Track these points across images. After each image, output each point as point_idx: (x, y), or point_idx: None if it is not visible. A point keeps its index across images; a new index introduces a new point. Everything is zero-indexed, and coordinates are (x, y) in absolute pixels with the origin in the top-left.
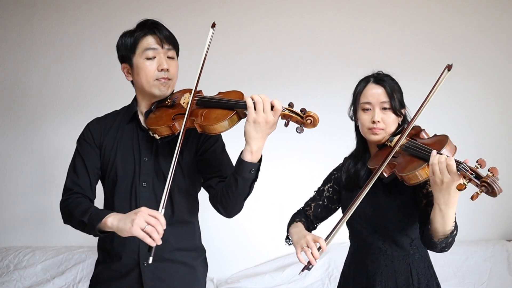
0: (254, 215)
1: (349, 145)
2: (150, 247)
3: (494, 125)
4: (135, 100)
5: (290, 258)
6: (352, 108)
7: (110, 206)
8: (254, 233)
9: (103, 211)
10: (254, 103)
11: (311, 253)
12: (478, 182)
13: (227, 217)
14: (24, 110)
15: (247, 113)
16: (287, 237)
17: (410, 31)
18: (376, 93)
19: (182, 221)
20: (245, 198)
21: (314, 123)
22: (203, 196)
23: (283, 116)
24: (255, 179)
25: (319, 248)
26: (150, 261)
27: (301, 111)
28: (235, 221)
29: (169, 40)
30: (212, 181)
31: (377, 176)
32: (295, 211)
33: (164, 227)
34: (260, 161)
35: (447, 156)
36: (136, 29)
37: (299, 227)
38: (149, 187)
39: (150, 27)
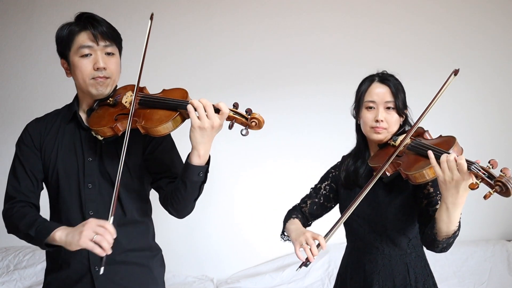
0: (253, 215)
1: (348, 145)
2: (101, 258)
3: (494, 125)
4: (76, 98)
5: (290, 258)
6: (354, 106)
7: (56, 210)
8: (254, 233)
9: (51, 224)
10: (195, 109)
11: (310, 250)
12: (492, 182)
13: (178, 218)
14: (25, 109)
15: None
16: (283, 233)
17: (410, 31)
18: (381, 92)
19: (134, 222)
20: (195, 200)
21: (259, 125)
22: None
23: (228, 117)
24: (204, 181)
25: (318, 245)
26: (102, 271)
27: (246, 112)
28: (235, 221)
29: (107, 36)
30: (162, 181)
31: (379, 176)
32: (291, 207)
33: (114, 236)
34: (208, 163)
35: (457, 156)
36: (72, 22)
37: (296, 224)
38: (95, 188)
39: (84, 21)
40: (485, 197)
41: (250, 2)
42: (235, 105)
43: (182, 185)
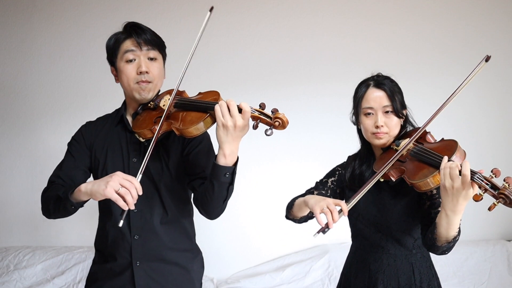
0: (254, 215)
1: (349, 145)
2: (122, 211)
3: (494, 125)
4: (124, 102)
5: (290, 258)
6: (353, 113)
7: (104, 208)
8: (254, 233)
9: (77, 184)
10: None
11: (331, 216)
12: (495, 193)
13: (209, 219)
14: (25, 110)
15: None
16: (287, 215)
17: (409, 31)
18: (377, 97)
19: (176, 221)
20: (224, 201)
21: (283, 124)
22: None
23: (252, 117)
24: (231, 182)
25: (340, 211)
26: (121, 224)
27: (271, 112)
28: (236, 221)
29: (149, 42)
30: (196, 182)
31: (381, 174)
32: (295, 196)
33: (140, 193)
34: (235, 164)
35: (461, 164)
36: (119, 32)
37: (310, 195)
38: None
39: (129, 30)
40: (489, 208)
41: (251, 2)
42: (261, 105)
43: (210, 186)
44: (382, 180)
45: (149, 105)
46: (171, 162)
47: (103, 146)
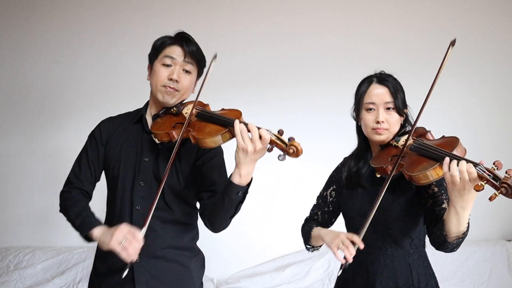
0: (254, 215)
1: (349, 145)
2: (126, 263)
3: (494, 125)
4: (147, 103)
5: (290, 258)
6: (354, 108)
7: (111, 202)
8: (254, 233)
9: (93, 219)
10: (241, 132)
11: (349, 252)
12: (497, 184)
13: (213, 232)
14: (24, 110)
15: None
16: (307, 243)
17: (409, 31)
18: (380, 93)
19: (178, 221)
20: (231, 217)
21: (296, 153)
22: None
23: (269, 142)
24: (242, 201)
25: (354, 244)
26: (123, 275)
27: (288, 139)
28: (236, 221)
29: (192, 56)
30: (205, 194)
31: (390, 179)
32: (303, 220)
33: (141, 245)
34: (249, 184)
35: (467, 163)
36: (170, 36)
37: (324, 228)
38: (147, 186)
39: (180, 38)
40: (490, 198)
41: (251, 3)
42: (280, 132)
43: (221, 201)
44: (378, 175)
45: (172, 110)
46: (182, 167)
47: (118, 143)
